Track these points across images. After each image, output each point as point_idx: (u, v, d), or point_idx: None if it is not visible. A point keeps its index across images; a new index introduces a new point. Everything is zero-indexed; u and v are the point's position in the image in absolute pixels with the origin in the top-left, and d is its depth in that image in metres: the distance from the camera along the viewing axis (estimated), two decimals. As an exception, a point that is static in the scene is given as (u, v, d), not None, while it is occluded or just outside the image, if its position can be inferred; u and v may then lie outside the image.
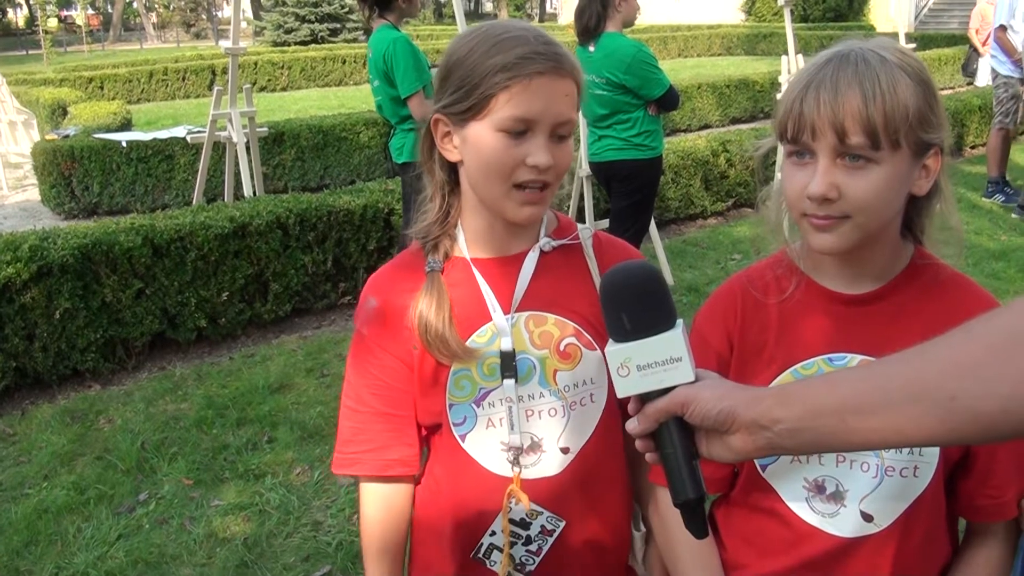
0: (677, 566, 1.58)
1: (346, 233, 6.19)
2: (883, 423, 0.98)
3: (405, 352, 1.53)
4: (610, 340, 1.17)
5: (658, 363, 1.13)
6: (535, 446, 1.54)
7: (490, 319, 1.52)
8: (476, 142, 1.44)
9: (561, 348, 1.53)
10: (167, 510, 3.89)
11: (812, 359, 1.47)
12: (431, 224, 1.56)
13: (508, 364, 1.50)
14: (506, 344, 1.50)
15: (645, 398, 1.15)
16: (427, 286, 1.51)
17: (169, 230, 5.41)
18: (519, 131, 1.41)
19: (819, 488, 1.46)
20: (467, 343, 1.50)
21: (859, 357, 1.45)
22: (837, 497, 1.45)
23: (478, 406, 1.53)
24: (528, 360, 1.52)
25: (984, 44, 11.47)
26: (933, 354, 0.98)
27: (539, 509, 1.55)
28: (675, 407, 1.12)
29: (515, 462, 1.53)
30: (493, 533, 1.57)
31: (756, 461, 1.48)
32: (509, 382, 1.50)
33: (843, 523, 1.45)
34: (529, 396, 1.52)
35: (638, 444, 1.18)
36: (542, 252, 1.56)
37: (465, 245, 1.55)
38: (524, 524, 1.56)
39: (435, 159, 1.54)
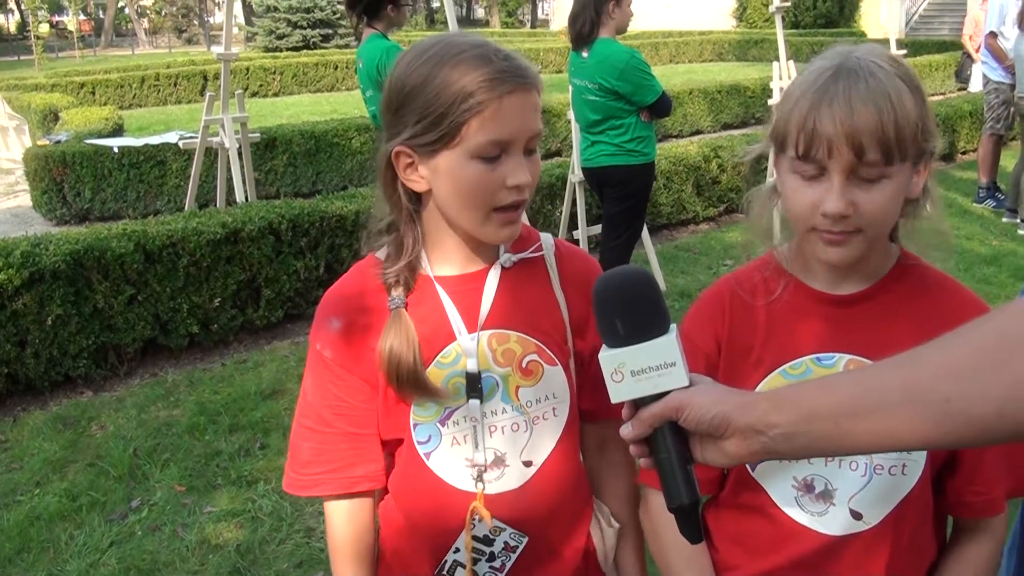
0: (670, 569, 1.58)
1: (338, 239, 6.18)
2: (878, 427, 0.98)
3: (370, 373, 1.50)
4: (604, 346, 1.17)
5: (652, 368, 1.13)
6: (498, 461, 1.53)
7: (454, 339, 1.50)
8: (450, 172, 1.39)
9: (523, 365, 1.52)
10: (159, 517, 3.88)
11: (800, 359, 1.47)
12: (391, 257, 1.51)
13: (473, 385, 1.49)
14: (471, 365, 1.49)
15: (639, 403, 1.15)
16: (393, 324, 1.47)
17: (161, 236, 5.41)
18: (494, 155, 1.37)
19: (808, 487, 1.47)
20: (432, 364, 1.49)
21: (847, 357, 1.46)
22: (826, 496, 1.46)
23: (443, 425, 1.51)
24: (492, 378, 1.51)
25: (977, 50, 11.51)
26: (927, 358, 0.98)
27: (501, 525, 1.54)
28: (669, 412, 1.13)
29: (479, 479, 1.52)
30: (457, 550, 1.56)
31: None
32: (474, 402, 1.49)
33: (832, 521, 1.46)
34: (492, 412, 1.52)
35: (632, 449, 1.18)
36: (503, 268, 1.54)
37: (428, 264, 1.52)
38: (487, 540, 1.56)
39: (399, 191, 1.48)
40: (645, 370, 1.14)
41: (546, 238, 1.61)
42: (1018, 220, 8.29)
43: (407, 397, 1.49)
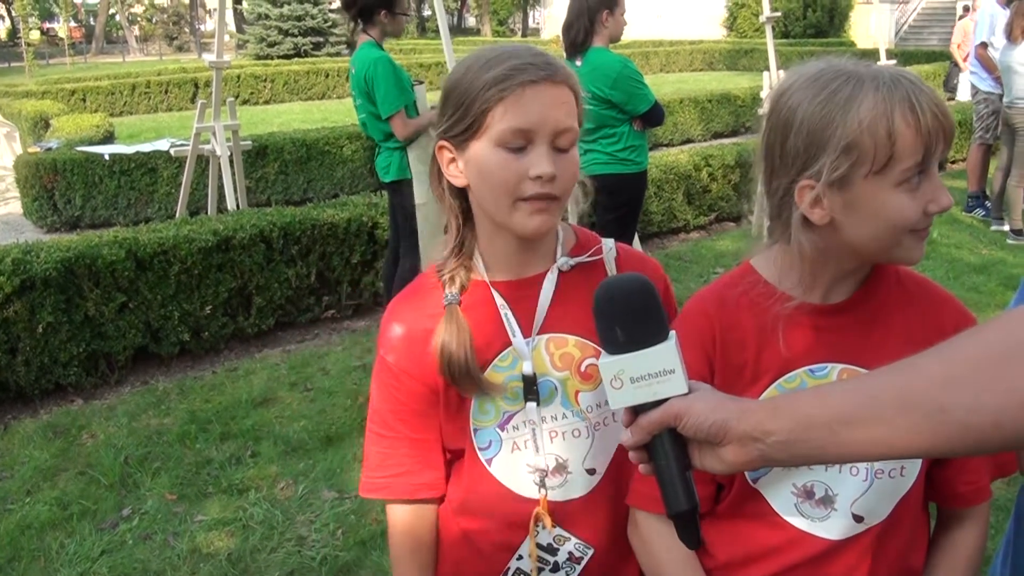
0: None
1: (330, 247, 6.19)
2: (873, 435, 0.99)
3: (431, 378, 1.52)
4: (603, 352, 1.17)
5: (651, 375, 1.14)
6: (560, 468, 1.54)
7: (510, 343, 1.51)
8: (478, 161, 1.43)
9: (582, 369, 1.53)
10: (150, 525, 3.88)
11: (795, 372, 1.47)
12: (447, 257, 1.55)
13: (530, 387, 1.50)
14: (527, 368, 1.50)
15: (638, 410, 1.16)
16: (447, 319, 1.50)
17: (152, 243, 5.40)
18: (519, 144, 1.40)
19: (808, 494, 1.47)
20: (489, 368, 1.51)
21: (840, 366, 1.46)
22: (827, 502, 1.46)
23: (503, 430, 1.53)
24: (550, 382, 1.52)
25: (965, 60, 11.59)
26: (923, 367, 0.99)
27: (566, 535, 1.55)
28: (668, 419, 1.13)
29: (541, 484, 1.53)
30: (520, 557, 1.57)
31: (745, 472, 1.48)
32: (531, 405, 1.51)
33: (833, 526, 1.47)
34: (552, 417, 1.52)
35: (631, 456, 1.19)
36: (560, 272, 1.55)
37: (484, 269, 1.55)
38: (551, 550, 1.56)
39: (444, 187, 1.53)
40: (644, 377, 1.14)
41: (608, 243, 1.62)
42: (1006, 228, 8.35)
43: (464, 392, 1.51)
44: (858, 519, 1.46)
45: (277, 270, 5.95)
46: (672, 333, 1.16)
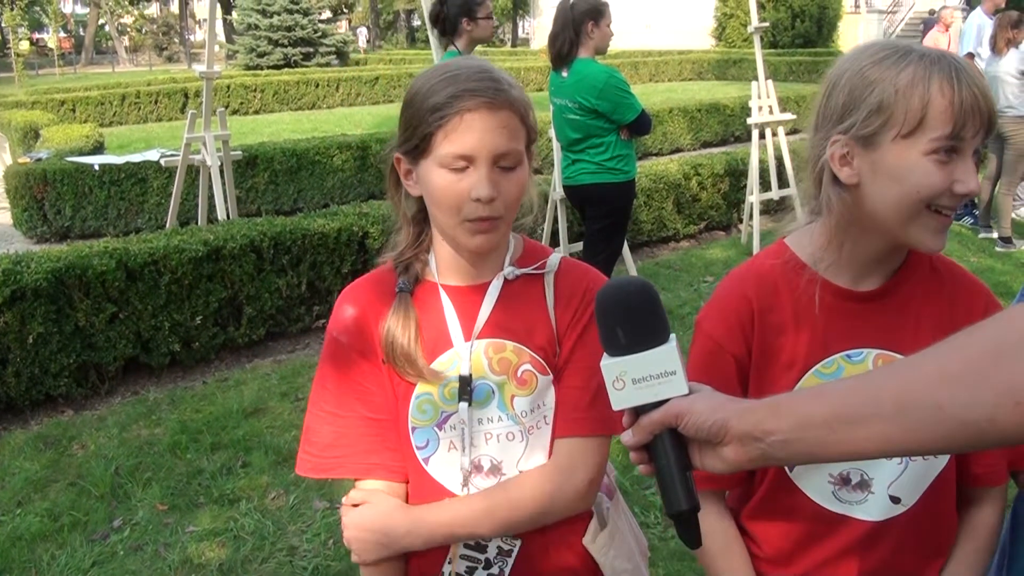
0: (711, 559, 1.61)
1: (320, 256, 6.19)
2: (873, 433, 1.00)
3: (379, 362, 1.58)
4: (605, 354, 1.19)
5: (653, 376, 1.16)
6: (495, 469, 1.58)
7: (452, 345, 1.56)
8: (426, 179, 1.49)
9: (519, 375, 1.57)
10: (141, 536, 3.87)
11: (832, 357, 1.50)
12: (404, 248, 1.62)
13: (465, 388, 1.55)
14: (464, 369, 1.55)
15: (639, 410, 1.18)
16: (396, 305, 1.56)
17: (143, 254, 5.40)
18: (460, 166, 1.45)
19: (844, 480, 1.51)
20: (432, 366, 1.55)
21: (876, 352, 1.49)
22: (863, 486, 1.51)
23: (440, 429, 1.58)
24: (487, 385, 1.56)
25: None
26: (921, 365, 1.00)
27: None
28: (669, 419, 1.15)
29: (465, 483, 1.57)
30: (450, 561, 1.60)
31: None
32: (463, 405, 1.55)
33: (872, 508, 1.52)
34: (488, 419, 1.57)
35: (632, 456, 1.21)
36: (506, 280, 1.60)
37: (436, 271, 1.60)
38: (480, 547, 1.60)
39: (401, 193, 1.60)
40: (646, 378, 1.16)
41: (554, 257, 1.66)
42: (994, 236, 8.40)
43: (405, 376, 1.55)
44: (895, 500, 1.51)
45: (267, 280, 5.95)
46: (672, 335, 1.18)
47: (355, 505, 1.59)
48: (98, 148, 11.89)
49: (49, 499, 4.18)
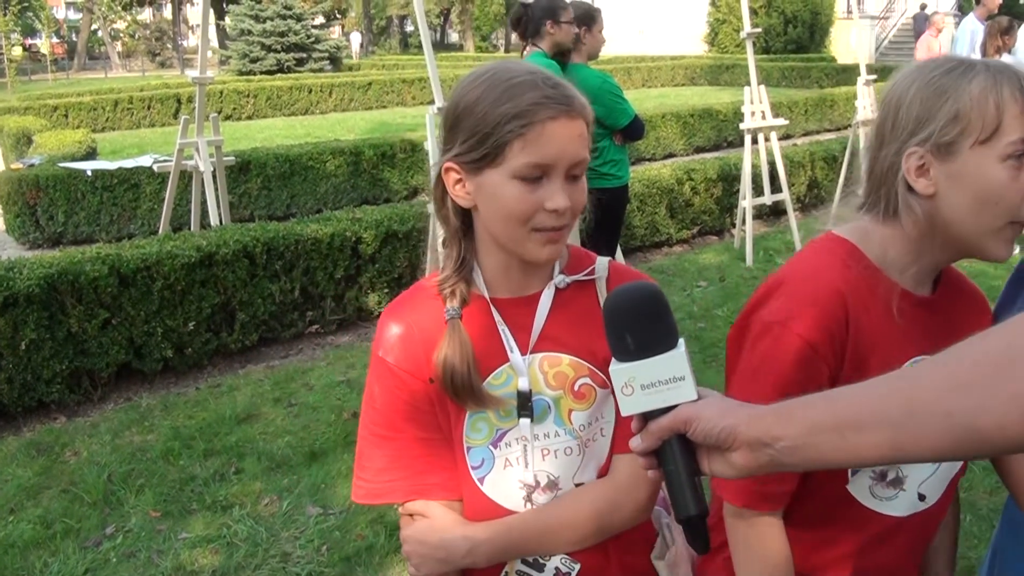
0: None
1: (313, 262, 6.19)
2: (882, 439, 1.00)
3: (427, 382, 1.53)
4: (613, 359, 1.18)
5: (662, 382, 1.16)
6: (552, 484, 1.55)
7: (507, 360, 1.52)
8: (492, 190, 1.43)
9: (576, 388, 1.54)
10: (134, 543, 3.86)
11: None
12: (449, 271, 1.55)
13: (524, 404, 1.51)
14: (523, 384, 1.51)
15: (648, 416, 1.17)
16: (449, 334, 1.50)
17: (135, 260, 5.39)
18: (535, 177, 1.41)
19: (882, 476, 1.53)
20: (484, 384, 1.51)
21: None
22: (897, 483, 1.53)
23: (495, 447, 1.54)
24: (543, 400, 1.53)
25: None
26: (930, 371, 1.00)
27: None
28: (678, 425, 1.15)
29: (528, 499, 1.54)
30: (507, 574, 1.58)
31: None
32: (525, 421, 1.52)
33: (900, 504, 1.55)
34: (545, 435, 1.53)
35: (641, 462, 1.20)
36: (557, 290, 1.56)
37: (483, 285, 1.55)
38: (538, 566, 1.57)
39: (448, 206, 1.52)
40: (655, 384, 1.16)
41: (601, 261, 1.62)
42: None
43: (463, 405, 1.51)
44: (921, 498, 1.55)
45: (260, 285, 5.94)
46: (681, 340, 1.18)
47: (410, 515, 1.57)
48: (91, 154, 11.88)
49: (42, 506, 4.17)
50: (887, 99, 1.49)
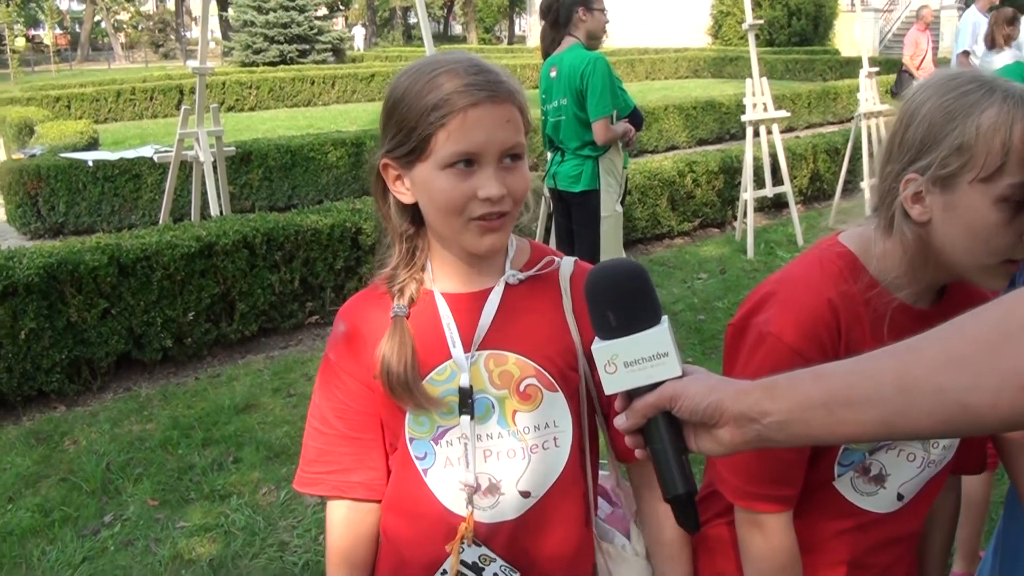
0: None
1: (313, 252, 6.19)
2: (871, 415, 0.98)
3: (370, 379, 1.51)
4: (596, 338, 1.16)
5: (645, 359, 1.14)
6: (493, 488, 1.51)
7: (450, 356, 1.49)
8: (424, 183, 1.41)
9: (521, 388, 1.50)
10: (132, 532, 3.87)
11: None
12: (395, 268, 1.53)
13: (465, 401, 1.48)
14: (464, 381, 1.48)
15: (633, 394, 1.15)
16: (392, 331, 1.48)
17: (135, 249, 5.39)
18: (465, 165, 1.38)
19: (865, 470, 1.53)
20: (427, 380, 1.48)
21: None
22: (879, 480, 1.53)
23: (436, 443, 1.51)
24: (487, 399, 1.49)
25: (919, 68, 11.74)
26: (922, 348, 0.98)
27: (492, 555, 1.52)
28: (663, 401, 1.12)
29: (469, 501, 1.50)
30: (444, 572, 1.53)
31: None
32: (465, 418, 1.48)
33: (880, 502, 1.55)
34: (488, 435, 1.50)
35: (627, 440, 1.18)
36: (508, 286, 1.52)
37: (434, 279, 1.53)
38: (476, 568, 1.53)
39: (390, 203, 1.51)
40: (638, 361, 1.14)
41: (566, 260, 1.59)
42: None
43: (401, 404, 1.50)
44: (900, 497, 1.56)
45: (260, 276, 5.94)
46: (665, 316, 1.16)
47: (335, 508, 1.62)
48: (92, 144, 11.90)
49: (40, 494, 4.18)
50: (902, 110, 1.45)
